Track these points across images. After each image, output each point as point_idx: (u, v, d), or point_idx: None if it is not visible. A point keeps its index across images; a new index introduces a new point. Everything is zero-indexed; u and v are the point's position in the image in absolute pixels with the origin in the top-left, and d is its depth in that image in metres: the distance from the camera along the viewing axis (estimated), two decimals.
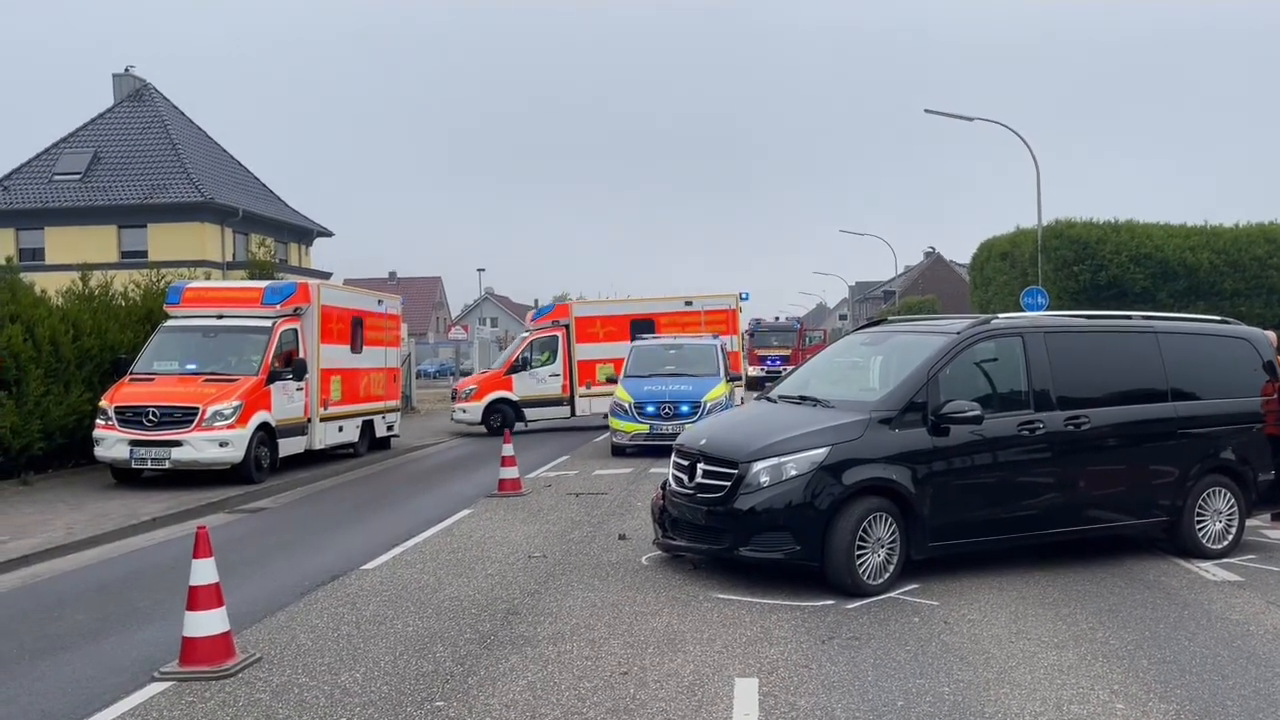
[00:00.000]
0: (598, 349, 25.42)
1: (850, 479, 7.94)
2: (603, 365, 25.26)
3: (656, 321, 25.37)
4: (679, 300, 26.23)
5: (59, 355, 16.53)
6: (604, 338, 25.44)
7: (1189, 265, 29.27)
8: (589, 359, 25.46)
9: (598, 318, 26.03)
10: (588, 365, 25.46)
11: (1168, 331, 9.71)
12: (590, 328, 25.66)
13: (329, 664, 6.47)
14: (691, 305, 25.59)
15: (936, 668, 6.23)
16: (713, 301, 25.63)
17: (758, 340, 51.55)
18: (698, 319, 25.02)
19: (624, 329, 25.31)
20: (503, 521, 11.72)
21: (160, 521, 12.21)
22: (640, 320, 25.47)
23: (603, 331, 25.56)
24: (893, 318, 11.30)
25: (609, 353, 25.10)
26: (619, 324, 25.54)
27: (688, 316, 25.22)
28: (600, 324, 25.72)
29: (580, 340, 25.51)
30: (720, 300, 25.71)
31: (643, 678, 6.09)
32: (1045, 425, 8.61)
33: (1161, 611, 7.49)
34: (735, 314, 25.36)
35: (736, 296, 25.83)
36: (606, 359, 25.14)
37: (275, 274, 25.28)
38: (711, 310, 25.24)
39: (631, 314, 25.95)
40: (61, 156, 40.53)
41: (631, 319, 25.61)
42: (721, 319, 25.07)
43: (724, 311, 25.28)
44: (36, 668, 6.66)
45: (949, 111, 29.64)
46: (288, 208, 45.74)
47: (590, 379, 25.40)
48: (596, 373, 25.35)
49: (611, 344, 25.14)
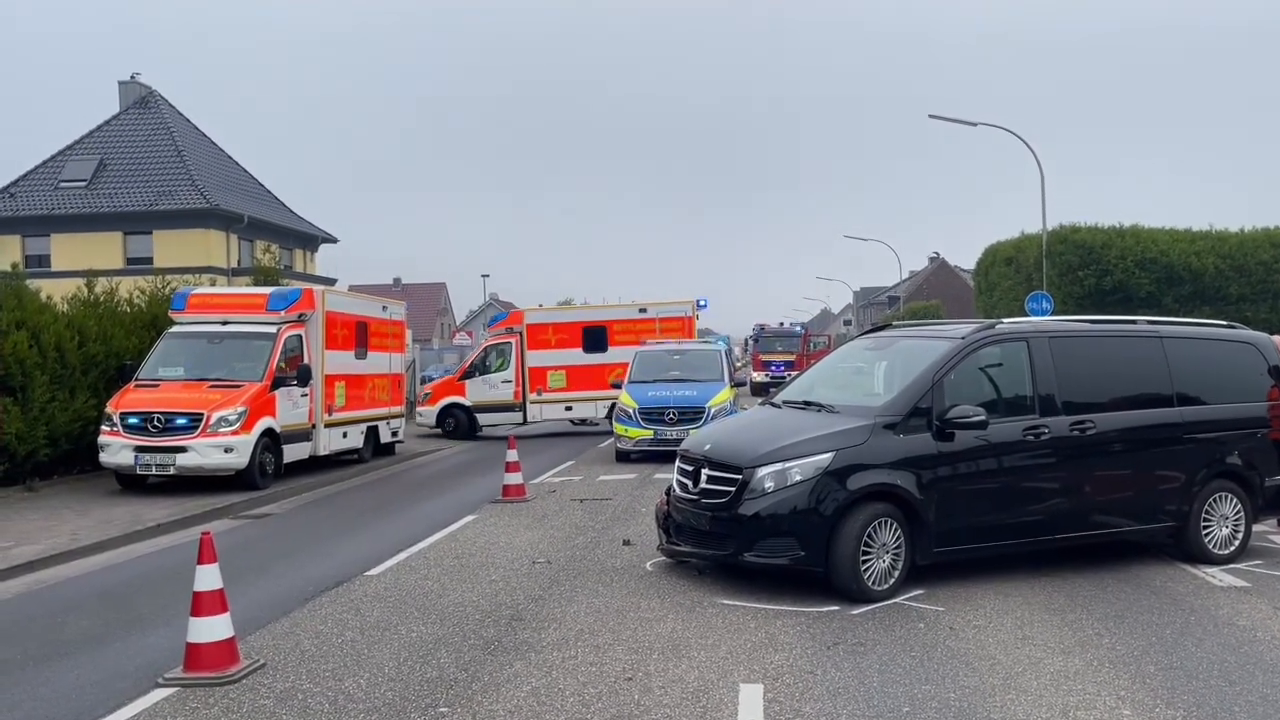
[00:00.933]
0: (549, 356, 25.53)
1: (855, 484, 7.92)
2: (554, 372, 25.50)
3: (609, 329, 25.45)
4: (633, 308, 26.35)
5: (64, 362, 16.57)
6: (556, 345, 25.57)
7: (1194, 270, 29.18)
8: (540, 366, 25.60)
9: (549, 324, 26.13)
10: (539, 372, 25.61)
11: (1173, 336, 9.68)
12: (542, 335, 25.74)
13: (333, 670, 6.46)
14: (646, 313, 25.64)
15: (942, 674, 6.20)
16: (668, 309, 25.72)
17: (762, 345, 51.53)
18: (652, 326, 25.07)
19: (576, 337, 25.51)
20: (507, 527, 11.72)
21: (165, 527, 12.22)
22: (592, 328, 25.61)
23: (554, 339, 25.66)
24: (897, 323, 11.29)
25: (560, 360, 25.38)
26: (571, 331, 25.68)
27: (641, 324, 25.23)
28: (552, 331, 25.80)
29: (532, 347, 25.64)
30: (676, 308, 25.80)
31: (647, 684, 6.08)
32: (1050, 430, 8.59)
33: (1168, 617, 7.46)
34: (691, 321, 25.40)
35: (693, 304, 25.89)
36: (558, 366, 25.40)
37: (280, 280, 25.28)
38: (666, 318, 25.27)
39: (584, 321, 26.07)
40: (67, 163, 40.64)
41: (584, 326, 25.76)
42: (676, 326, 25.11)
43: (679, 319, 25.32)
44: (41, 674, 6.66)
45: (953, 117, 29.65)
46: (293, 214, 45.81)
47: (541, 386, 25.59)
48: (547, 380, 25.56)
49: (563, 351, 25.40)
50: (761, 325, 54.98)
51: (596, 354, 25.22)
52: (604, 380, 25.01)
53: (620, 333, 25.15)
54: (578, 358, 25.30)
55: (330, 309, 17.64)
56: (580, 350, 25.30)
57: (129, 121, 42.11)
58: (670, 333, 24.64)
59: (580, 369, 25.26)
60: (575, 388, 25.32)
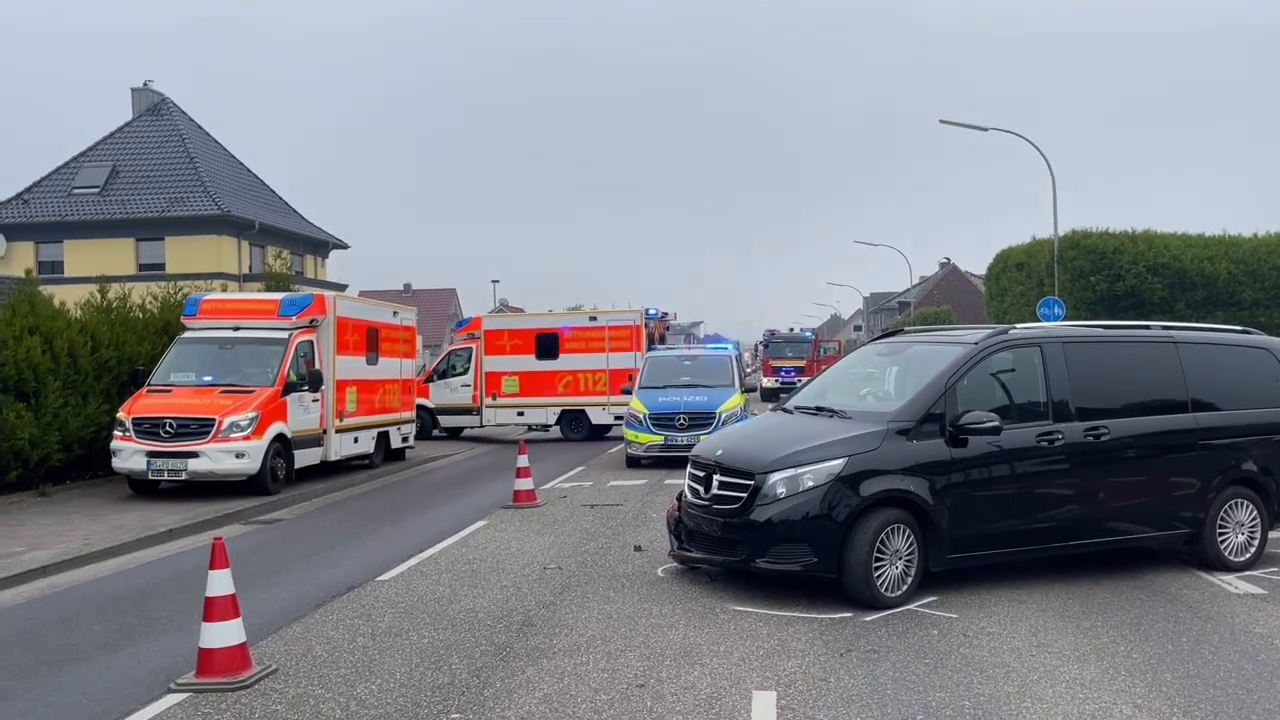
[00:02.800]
0: (504, 362, 25.99)
1: (868, 490, 7.89)
2: (508, 378, 25.95)
3: (560, 336, 25.87)
4: (584, 316, 26.93)
5: (77, 367, 16.64)
6: (510, 351, 26.03)
7: (1207, 275, 29.04)
8: (496, 371, 26.03)
9: (505, 331, 26.59)
10: (494, 377, 26.04)
11: (1187, 341, 9.62)
12: (498, 341, 26.19)
13: (345, 676, 6.46)
14: (596, 321, 26.07)
15: (956, 681, 6.16)
16: (617, 317, 26.05)
17: (772, 351, 51.53)
18: (601, 335, 25.50)
19: (529, 343, 25.93)
20: (518, 533, 11.70)
21: (177, 533, 12.25)
22: (544, 335, 26.01)
23: (510, 345, 26.12)
24: (909, 328, 11.25)
25: (514, 365, 25.84)
26: (525, 338, 26.09)
27: (591, 332, 25.70)
28: (508, 337, 26.26)
29: (489, 353, 26.11)
30: (625, 316, 26.11)
31: (659, 691, 6.05)
32: (1064, 436, 8.54)
33: (1184, 625, 7.40)
34: (639, 330, 25.64)
35: (641, 313, 26.18)
36: (512, 372, 25.84)
37: (291, 286, 25.38)
38: (615, 326, 25.66)
39: (536, 328, 26.42)
40: (80, 170, 40.89)
41: (536, 333, 26.14)
42: (625, 335, 25.42)
43: (628, 328, 25.62)
44: (54, 678, 6.67)
45: (963, 122, 29.57)
46: (304, 220, 45.98)
47: (496, 391, 26.00)
48: (502, 385, 25.97)
49: (517, 357, 25.89)
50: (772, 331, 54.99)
51: (548, 361, 25.66)
52: (555, 387, 25.44)
53: (571, 340, 25.65)
54: (530, 364, 25.77)
55: (341, 315, 17.68)
56: (533, 357, 25.75)
57: (142, 128, 42.37)
58: (618, 341, 25.14)
59: (532, 375, 25.74)
60: (527, 394, 25.75)
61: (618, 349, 24.49)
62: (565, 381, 25.58)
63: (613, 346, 24.85)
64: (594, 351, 25.34)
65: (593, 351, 25.33)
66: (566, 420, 25.72)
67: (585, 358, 25.41)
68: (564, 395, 25.58)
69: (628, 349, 24.74)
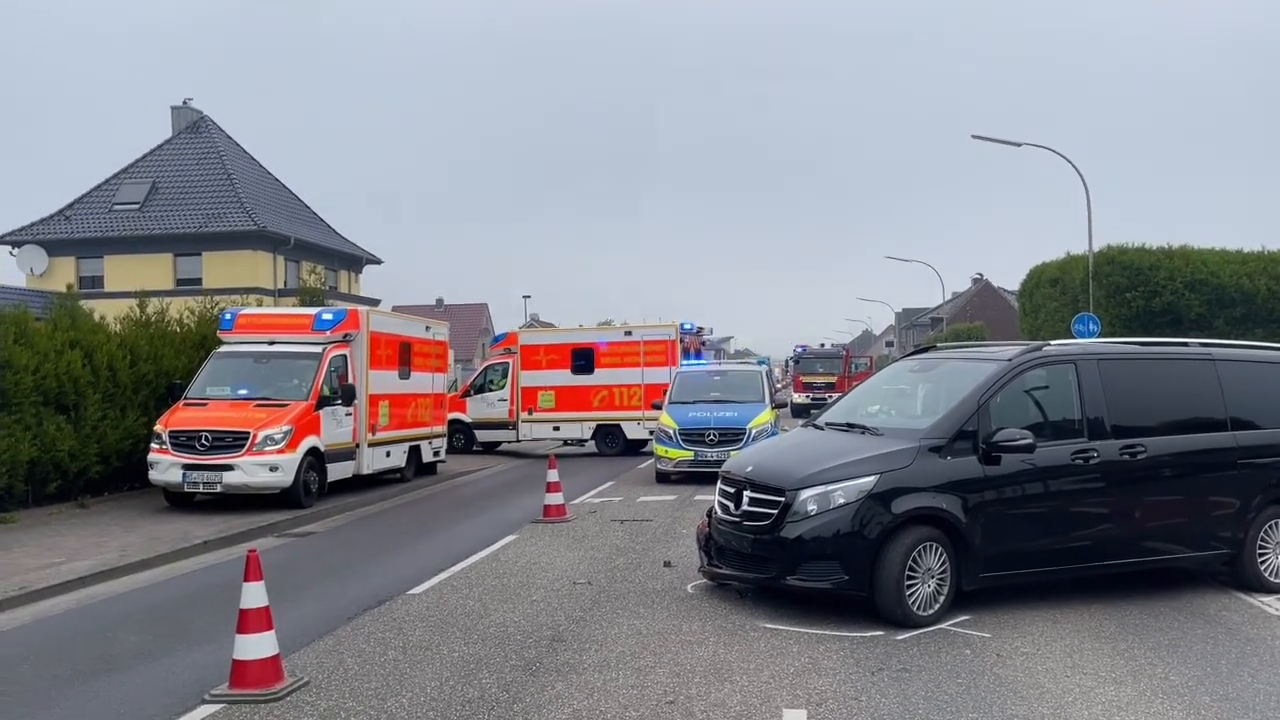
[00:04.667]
0: (540, 376, 26.07)
1: (900, 508, 7.84)
2: (544, 393, 26.02)
3: (595, 351, 25.90)
4: (619, 330, 26.97)
5: (116, 380, 16.91)
6: (546, 365, 26.10)
7: (1246, 292, 28.60)
8: (532, 386, 26.12)
9: (541, 346, 26.68)
10: (530, 392, 26.14)
11: (1226, 359, 9.48)
12: (534, 356, 26.30)
13: (376, 689, 6.49)
14: (631, 335, 26.10)
15: (990, 702, 6.09)
16: (652, 332, 26.04)
17: (803, 367, 51.33)
18: (636, 349, 25.49)
19: (565, 358, 25.99)
20: (548, 547, 11.72)
21: (211, 545, 12.38)
22: (580, 349, 26.05)
23: (545, 360, 26.19)
24: (941, 344, 11.17)
25: (550, 380, 25.92)
26: (560, 353, 26.15)
27: (626, 347, 25.72)
28: (544, 352, 26.34)
29: (525, 368, 26.21)
30: (660, 331, 26.09)
31: (689, 708, 6.03)
32: (1100, 454, 8.44)
33: (1223, 647, 7.27)
34: (674, 345, 25.60)
35: (676, 327, 26.08)
36: (548, 386, 25.91)
37: (325, 301, 25.66)
38: (651, 341, 25.65)
39: (572, 343, 26.48)
40: (121, 187, 41.62)
41: (572, 348, 26.18)
42: (660, 350, 25.38)
43: (663, 343, 25.58)
44: (90, 688, 6.76)
45: (996, 137, 29.39)
46: (338, 236, 46.48)
47: (532, 405, 26.10)
48: (538, 399, 26.04)
49: (553, 372, 25.95)
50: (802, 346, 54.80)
51: (584, 376, 25.69)
52: (590, 402, 25.44)
53: (606, 355, 25.68)
54: (566, 379, 25.82)
55: (375, 329, 17.83)
56: (569, 372, 25.81)
57: (181, 146, 43.08)
58: (654, 355, 25.07)
59: (568, 390, 25.77)
60: (563, 408, 25.81)
61: (653, 364, 24.42)
62: (600, 396, 25.59)
63: (648, 361, 24.80)
64: (629, 366, 25.33)
65: (628, 366, 25.32)
66: (602, 435, 25.71)
67: (620, 372, 25.40)
68: (599, 410, 25.58)
69: (663, 364, 24.62)
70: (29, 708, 6.39)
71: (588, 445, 26.10)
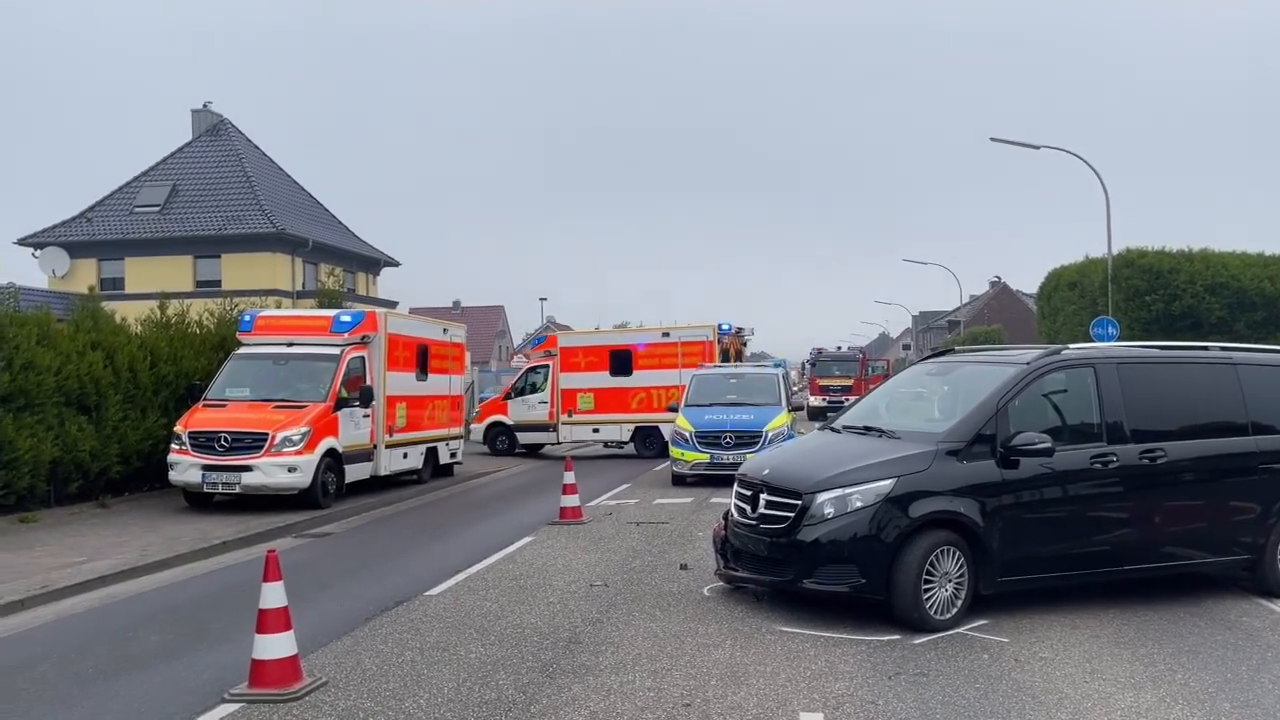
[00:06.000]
0: (579, 379, 26.12)
1: (917, 511, 7.82)
2: (583, 395, 26.06)
3: (634, 352, 25.86)
4: (657, 332, 26.81)
5: (137, 381, 17.06)
6: (585, 368, 26.15)
7: (1267, 295, 28.39)
8: (571, 388, 26.18)
9: (580, 348, 26.74)
10: (570, 394, 26.20)
11: (1248, 363, 9.42)
12: (574, 358, 26.35)
13: (393, 690, 6.52)
14: (669, 337, 26.03)
15: (1008, 707, 6.07)
16: (690, 333, 25.97)
17: (819, 370, 51.16)
18: (674, 351, 25.41)
19: (604, 360, 26.00)
20: (564, 549, 11.75)
21: (230, 545, 12.46)
22: (618, 351, 26.04)
23: (584, 362, 26.24)
24: (959, 348, 11.13)
25: (589, 382, 25.96)
26: (599, 355, 26.18)
27: (664, 348, 25.64)
28: (583, 354, 26.39)
29: (564, 370, 26.28)
30: (697, 332, 25.99)
31: (706, 710, 6.04)
32: (1119, 458, 8.39)
33: (1243, 653, 7.22)
34: (711, 346, 25.52)
35: (714, 328, 26.03)
36: (587, 389, 25.96)
37: (343, 303, 25.77)
38: (688, 342, 25.56)
39: (610, 345, 26.54)
40: (142, 189, 41.94)
41: (610, 350, 26.20)
42: (698, 351, 25.28)
43: (701, 344, 25.49)
44: (111, 686, 6.82)
45: (1015, 140, 29.27)
46: (356, 238, 46.69)
47: (572, 407, 26.16)
48: (578, 401, 26.09)
49: (592, 374, 25.99)
50: (819, 349, 54.62)
51: (622, 377, 25.66)
52: (629, 403, 25.41)
53: (644, 357, 25.63)
54: (605, 381, 25.84)
55: (392, 331, 17.91)
56: (607, 374, 25.83)
57: (201, 149, 43.38)
58: (691, 356, 24.93)
59: (607, 391, 25.77)
60: (602, 410, 25.81)
61: (690, 365, 24.06)
62: (639, 398, 25.52)
63: (685, 362, 24.50)
64: (667, 368, 25.17)
65: (666, 368, 25.16)
66: (640, 437, 25.58)
67: (658, 374, 25.28)
68: (638, 412, 25.50)
69: (701, 363, 24.28)
70: (51, 706, 6.46)
71: (627, 448, 25.98)
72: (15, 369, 14.71)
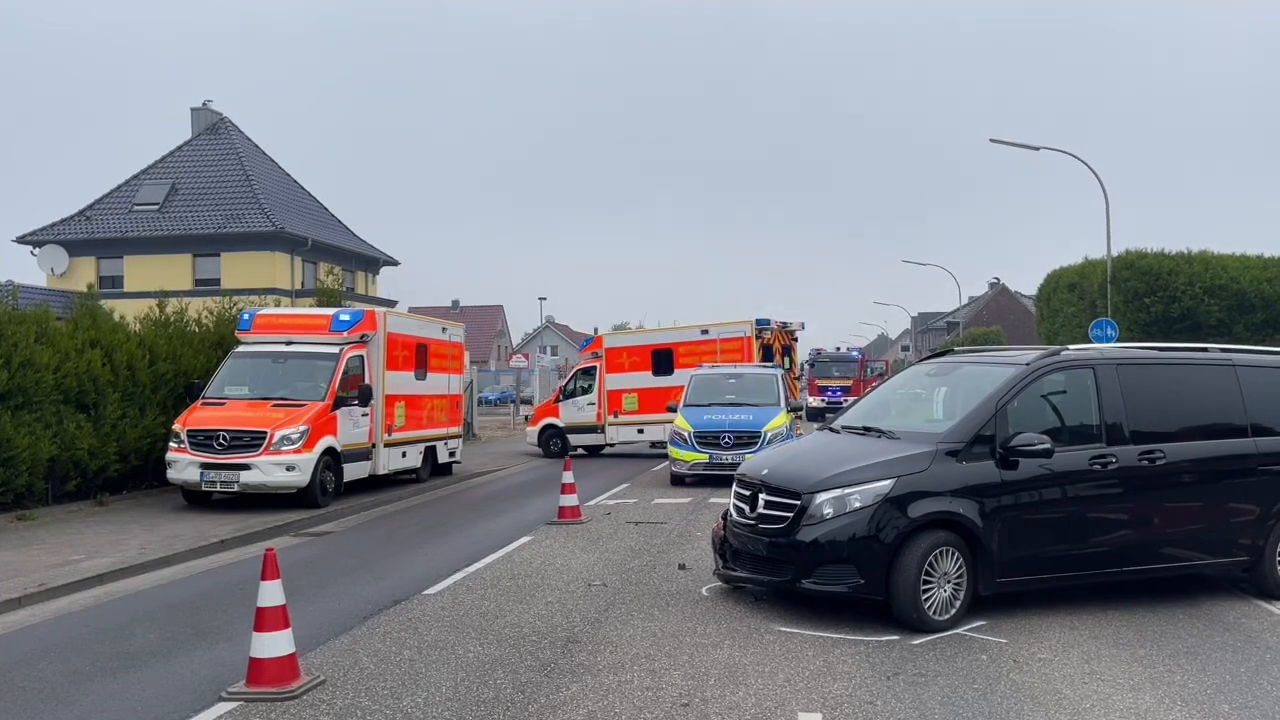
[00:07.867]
0: (624, 379, 26.16)
1: (916, 512, 7.82)
2: (628, 395, 26.08)
3: (675, 351, 25.84)
4: (695, 330, 26.72)
5: (136, 380, 17.04)
6: (629, 368, 26.18)
7: (1266, 297, 28.42)
8: (616, 389, 26.23)
9: (624, 348, 26.80)
10: (615, 395, 26.26)
11: (1247, 365, 9.42)
12: (618, 359, 26.40)
13: (391, 688, 6.52)
14: (708, 334, 25.95)
15: (1006, 708, 6.07)
16: (727, 330, 25.87)
17: (818, 370, 51.17)
18: (713, 347, 25.33)
19: (646, 359, 26.02)
20: (563, 549, 11.74)
21: (229, 543, 12.45)
22: (660, 350, 26.06)
23: (628, 362, 26.28)
24: (958, 348, 11.14)
25: (633, 383, 25.96)
26: (641, 354, 26.24)
27: (704, 345, 25.56)
28: (626, 355, 26.45)
29: (610, 371, 26.33)
30: (735, 328, 25.88)
31: (704, 710, 6.03)
32: (1118, 460, 8.39)
33: (1242, 655, 7.22)
34: (749, 341, 25.38)
35: (751, 324, 25.91)
36: (631, 389, 25.96)
37: (343, 302, 25.76)
38: (726, 339, 25.47)
39: (652, 344, 26.53)
40: (141, 188, 41.93)
41: (652, 349, 26.23)
42: (736, 347, 25.19)
43: (738, 339, 25.39)
44: (109, 684, 6.81)
45: (1014, 141, 29.29)
46: (355, 237, 46.70)
47: (617, 408, 26.20)
48: (623, 402, 26.12)
49: (636, 374, 25.99)
50: (818, 350, 54.63)
51: (664, 377, 25.51)
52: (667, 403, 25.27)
53: (685, 355, 25.47)
54: (648, 380, 25.78)
55: (391, 331, 17.90)
56: (650, 373, 25.78)
57: (200, 147, 43.39)
58: (730, 353, 24.73)
59: (650, 391, 25.60)
60: (645, 410, 25.67)
61: (729, 361, 23.85)
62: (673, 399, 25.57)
63: (724, 359, 24.21)
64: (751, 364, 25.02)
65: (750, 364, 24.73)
66: None
67: None
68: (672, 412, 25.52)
69: (739, 361, 24.04)
70: (49, 704, 6.45)
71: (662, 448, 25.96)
72: (14, 367, 14.70)
